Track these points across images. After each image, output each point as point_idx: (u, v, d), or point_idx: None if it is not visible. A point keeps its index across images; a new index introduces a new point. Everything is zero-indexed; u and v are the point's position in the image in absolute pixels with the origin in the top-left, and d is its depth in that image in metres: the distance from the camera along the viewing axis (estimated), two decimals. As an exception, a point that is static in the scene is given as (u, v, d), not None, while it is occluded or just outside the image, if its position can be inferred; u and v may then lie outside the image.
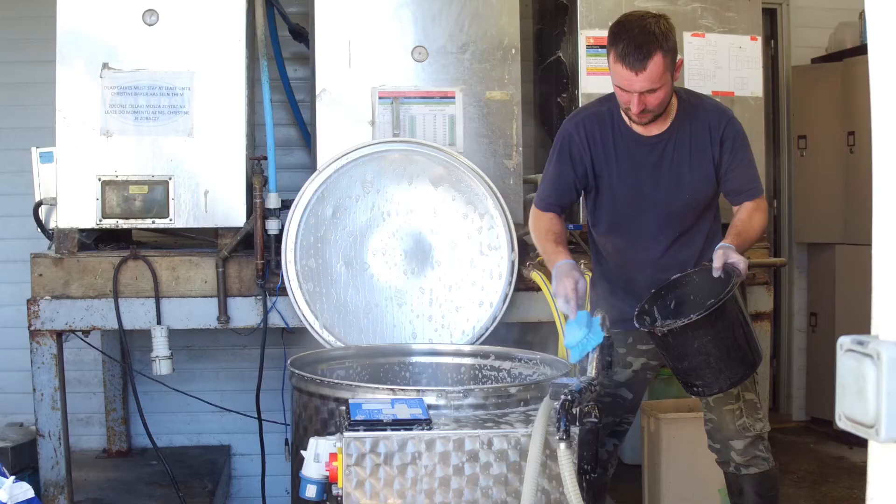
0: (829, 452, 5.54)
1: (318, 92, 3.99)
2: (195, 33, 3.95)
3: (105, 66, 3.89)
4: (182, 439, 5.39)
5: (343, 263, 3.83)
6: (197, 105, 3.93)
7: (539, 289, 3.87)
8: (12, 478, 2.35)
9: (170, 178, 3.93)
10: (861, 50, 5.40)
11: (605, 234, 3.39)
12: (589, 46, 4.15)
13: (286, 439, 4.27)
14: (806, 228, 6.05)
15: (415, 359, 3.53)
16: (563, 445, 2.54)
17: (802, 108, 5.92)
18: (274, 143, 4.02)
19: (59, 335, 3.92)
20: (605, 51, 4.15)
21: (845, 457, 5.44)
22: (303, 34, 4.87)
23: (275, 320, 4.01)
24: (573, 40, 4.22)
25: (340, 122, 4.01)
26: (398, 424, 2.55)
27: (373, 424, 2.54)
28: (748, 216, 3.20)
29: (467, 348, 3.59)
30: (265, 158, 3.99)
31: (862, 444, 1.21)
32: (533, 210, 3.40)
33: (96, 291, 3.93)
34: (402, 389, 2.79)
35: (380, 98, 4.02)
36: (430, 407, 2.67)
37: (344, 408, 2.74)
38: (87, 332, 4.02)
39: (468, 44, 4.05)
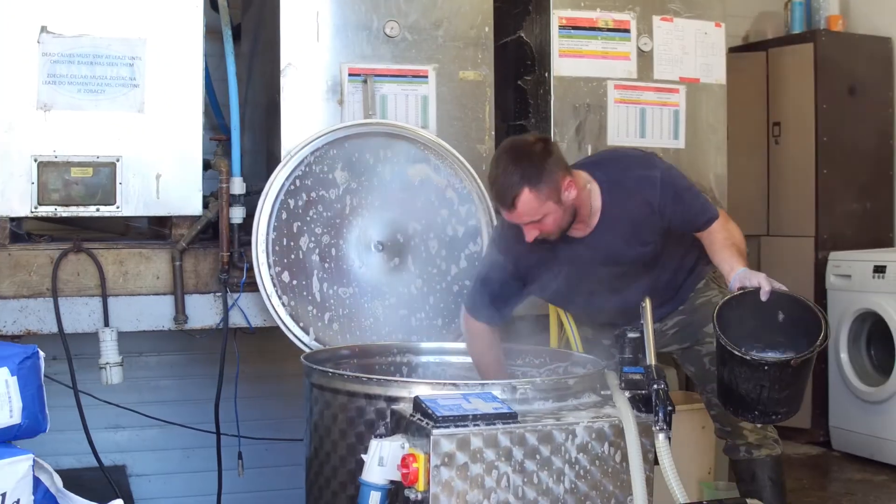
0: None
1: (282, 67, 3.93)
2: (148, -5, 3.81)
3: (43, 29, 3.68)
4: (71, 461, 5.10)
5: (319, 259, 3.81)
6: (149, 77, 3.78)
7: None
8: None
9: (117, 160, 3.76)
10: (787, 40, 5.84)
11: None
12: (562, 27, 4.29)
13: (239, 453, 4.19)
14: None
15: (424, 358, 3.61)
16: (661, 436, 2.70)
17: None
18: (239, 123, 3.94)
19: (-16, 341, 3.69)
20: (578, 32, 4.37)
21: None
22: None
23: (235, 319, 3.93)
24: (542, 20, 4.36)
25: (307, 100, 3.96)
26: (485, 419, 2.61)
27: (460, 420, 2.59)
28: (727, 231, 3.36)
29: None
30: (226, 139, 3.90)
31: None
32: (465, 317, 3.51)
33: (31, 290, 3.72)
34: (466, 384, 2.85)
35: (350, 75, 4.01)
36: (496, 401, 2.75)
37: (403, 406, 2.77)
38: (18, 338, 3.79)
39: (442, 20, 4.11)
